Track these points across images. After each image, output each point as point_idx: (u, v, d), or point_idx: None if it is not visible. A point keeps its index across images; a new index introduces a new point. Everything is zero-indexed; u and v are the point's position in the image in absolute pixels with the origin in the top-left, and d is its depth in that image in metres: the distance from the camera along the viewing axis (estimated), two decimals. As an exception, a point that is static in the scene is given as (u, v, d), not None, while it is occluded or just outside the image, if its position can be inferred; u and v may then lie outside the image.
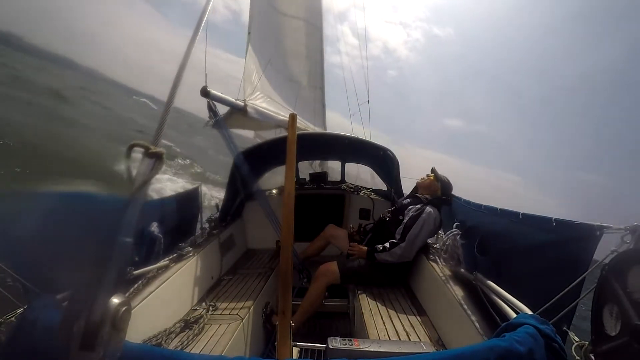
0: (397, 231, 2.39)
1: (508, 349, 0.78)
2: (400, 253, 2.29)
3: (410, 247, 2.29)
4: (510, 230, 1.66)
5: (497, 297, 1.46)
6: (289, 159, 1.25)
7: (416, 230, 2.29)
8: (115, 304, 0.48)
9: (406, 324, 1.92)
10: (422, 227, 2.30)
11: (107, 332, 0.46)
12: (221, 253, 2.66)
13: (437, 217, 2.38)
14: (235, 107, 2.78)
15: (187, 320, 1.82)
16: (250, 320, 2.03)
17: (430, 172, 2.64)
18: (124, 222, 0.55)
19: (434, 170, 2.61)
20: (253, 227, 3.42)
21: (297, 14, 4.89)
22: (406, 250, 2.29)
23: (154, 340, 1.57)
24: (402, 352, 1.33)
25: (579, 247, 1.19)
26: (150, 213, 2.01)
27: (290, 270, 1.06)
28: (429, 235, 2.38)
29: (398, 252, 2.29)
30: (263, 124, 3.34)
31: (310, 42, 5.21)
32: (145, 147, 0.62)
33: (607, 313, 0.99)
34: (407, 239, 2.29)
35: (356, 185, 3.84)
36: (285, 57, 4.70)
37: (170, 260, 2.00)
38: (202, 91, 2.28)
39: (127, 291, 1.59)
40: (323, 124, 5.51)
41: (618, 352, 0.92)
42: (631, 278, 0.93)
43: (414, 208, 2.41)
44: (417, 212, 2.37)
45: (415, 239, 2.29)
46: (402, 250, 2.29)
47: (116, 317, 0.47)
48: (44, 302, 0.85)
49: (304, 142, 3.25)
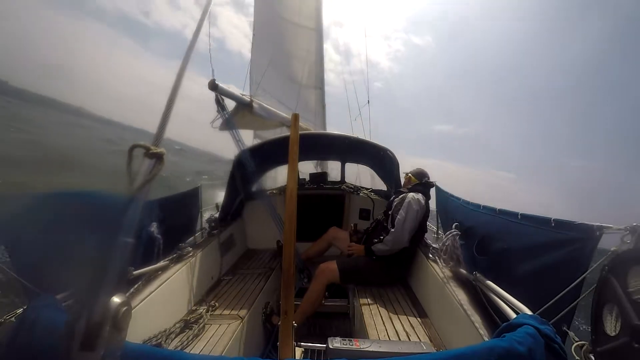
0: (389, 224, 2.47)
1: (508, 349, 0.78)
2: (392, 238, 2.35)
3: (401, 231, 2.34)
4: (509, 230, 1.66)
5: (497, 297, 1.46)
6: (291, 158, 1.25)
7: (402, 214, 2.38)
8: (116, 303, 0.48)
9: (406, 324, 1.92)
10: (407, 210, 2.38)
11: (108, 332, 0.46)
12: (221, 253, 2.66)
13: (421, 199, 2.48)
14: (242, 102, 2.79)
15: (187, 321, 1.82)
16: (250, 320, 2.03)
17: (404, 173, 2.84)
18: (125, 222, 0.55)
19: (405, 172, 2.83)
20: (253, 227, 3.42)
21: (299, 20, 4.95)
22: (397, 235, 2.34)
23: (154, 340, 1.57)
24: (402, 352, 1.33)
25: (579, 247, 1.19)
26: (150, 213, 2.01)
27: (292, 270, 1.05)
28: (418, 217, 2.42)
29: (390, 239, 2.36)
30: (266, 123, 3.35)
31: (310, 44, 5.25)
32: (146, 148, 0.62)
33: (607, 313, 0.99)
34: (396, 223, 2.37)
35: (356, 186, 3.84)
36: (286, 59, 4.75)
37: (170, 260, 2.00)
38: (210, 84, 2.28)
39: (127, 291, 1.59)
40: (323, 125, 5.53)
41: (618, 352, 0.92)
42: (631, 278, 0.93)
43: (398, 199, 2.54)
44: (400, 200, 2.50)
45: (403, 222, 2.36)
46: (393, 235, 2.35)
47: (117, 317, 0.47)
48: (44, 302, 0.85)
49: (304, 142, 3.25)
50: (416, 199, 2.44)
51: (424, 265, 2.32)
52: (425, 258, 2.33)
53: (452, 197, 2.52)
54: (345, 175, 3.92)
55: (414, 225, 2.39)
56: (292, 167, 1.24)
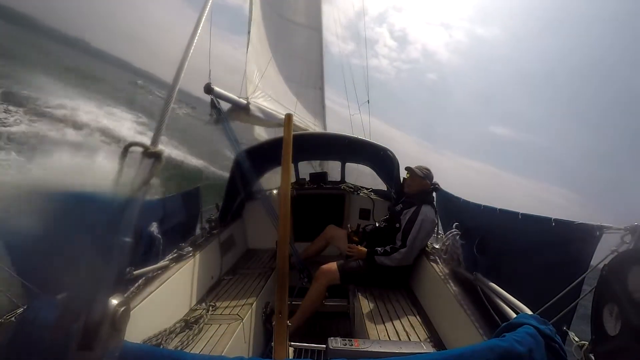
0: (397, 237, 2.37)
1: (508, 349, 0.78)
2: (400, 258, 2.28)
3: (410, 251, 2.28)
4: (509, 230, 1.66)
5: (497, 297, 1.46)
6: (284, 159, 1.24)
7: (415, 233, 2.27)
8: (114, 304, 0.48)
9: (406, 324, 1.92)
10: (420, 228, 2.28)
11: (106, 332, 0.46)
12: (221, 253, 2.66)
13: (434, 216, 2.37)
14: (238, 104, 2.79)
15: (187, 320, 1.82)
16: (250, 320, 2.03)
17: (405, 170, 2.54)
18: (124, 222, 0.55)
19: (408, 168, 2.51)
20: (253, 227, 3.42)
21: (298, 18, 4.94)
22: (406, 255, 2.28)
23: (154, 340, 1.57)
24: (403, 352, 1.33)
25: (579, 247, 1.19)
26: (150, 213, 2.01)
27: (286, 270, 1.05)
28: (428, 236, 2.38)
29: (398, 257, 2.28)
30: (264, 123, 3.35)
31: (310, 44, 5.25)
32: (144, 147, 0.62)
33: (607, 313, 0.99)
34: (408, 243, 2.26)
35: (356, 186, 3.83)
36: (286, 58, 4.73)
37: (170, 260, 2.00)
38: (205, 88, 2.28)
39: (127, 291, 1.59)
40: (323, 124, 5.52)
41: (618, 352, 0.92)
42: (631, 278, 0.93)
43: (410, 211, 2.38)
44: (413, 214, 2.35)
45: (415, 241, 2.27)
46: (402, 255, 2.28)
47: (115, 317, 0.47)
48: (44, 302, 0.84)
49: (304, 142, 3.27)
50: (430, 219, 2.32)
51: (424, 265, 2.32)
52: (426, 258, 2.32)
53: (452, 196, 2.52)
54: (345, 175, 3.92)
55: (423, 244, 2.35)
56: (285, 168, 1.24)
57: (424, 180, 2.43)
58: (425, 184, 2.44)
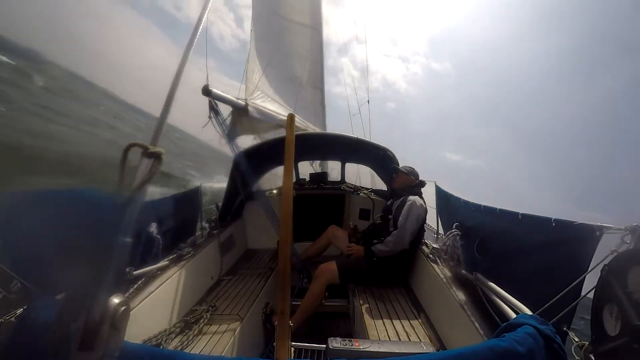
0: (390, 225, 2.48)
1: (508, 349, 0.78)
2: (394, 239, 2.35)
3: (403, 233, 2.35)
4: (509, 230, 1.66)
5: (497, 297, 1.46)
6: (287, 159, 1.24)
7: (405, 215, 2.38)
8: (114, 303, 0.48)
9: (406, 324, 1.92)
10: (409, 211, 2.39)
11: (106, 332, 0.46)
12: (221, 253, 2.66)
13: (422, 202, 2.52)
14: (237, 106, 2.79)
15: (187, 321, 1.82)
16: (250, 321, 2.03)
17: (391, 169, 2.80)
18: (123, 222, 0.55)
19: (394, 167, 2.78)
20: (253, 227, 3.42)
21: (297, 18, 4.93)
22: (399, 237, 2.34)
23: (154, 340, 1.57)
24: (403, 352, 1.33)
25: (579, 248, 1.19)
26: (150, 213, 2.01)
27: (288, 270, 1.05)
28: (418, 220, 2.42)
29: (391, 240, 2.36)
30: (263, 125, 3.34)
31: (310, 44, 5.23)
32: (144, 147, 0.62)
33: (607, 313, 0.99)
34: (399, 225, 2.38)
35: (356, 186, 3.84)
36: (286, 58, 4.73)
37: (170, 261, 2.00)
38: (203, 90, 2.27)
39: (127, 291, 1.59)
40: (323, 124, 5.51)
41: (618, 352, 0.91)
42: (631, 278, 0.93)
43: (399, 201, 2.54)
44: (402, 202, 2.50)
45: (405, 223, 2.36)
46: (394, 237, 2.35)
47: (115, 317, 0.47)
48: (44, 302, 0.84)
49: (304, 142, 3.27)
50: (419, 203, 2.46)
51: (424, 265, 2.32)
52: (426, 258, 2.32)
53: (452, 197, 2.52)
54: (345, 175, 3.92)
55: (415, 227, 2.39)
56: (288, 168, 1.23)
57: (409, 176, 2.67)
58: (410, 179, 2.66)
